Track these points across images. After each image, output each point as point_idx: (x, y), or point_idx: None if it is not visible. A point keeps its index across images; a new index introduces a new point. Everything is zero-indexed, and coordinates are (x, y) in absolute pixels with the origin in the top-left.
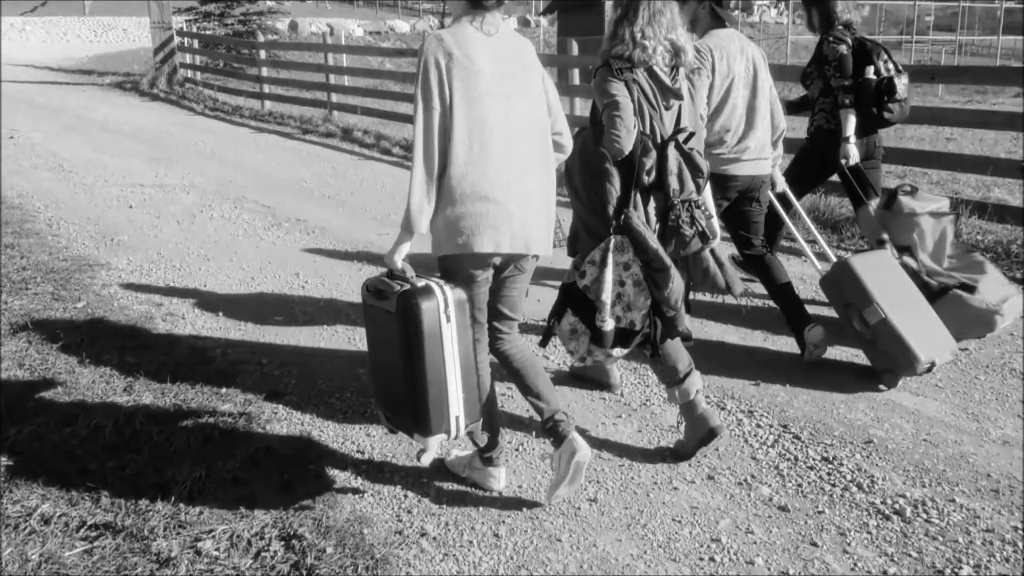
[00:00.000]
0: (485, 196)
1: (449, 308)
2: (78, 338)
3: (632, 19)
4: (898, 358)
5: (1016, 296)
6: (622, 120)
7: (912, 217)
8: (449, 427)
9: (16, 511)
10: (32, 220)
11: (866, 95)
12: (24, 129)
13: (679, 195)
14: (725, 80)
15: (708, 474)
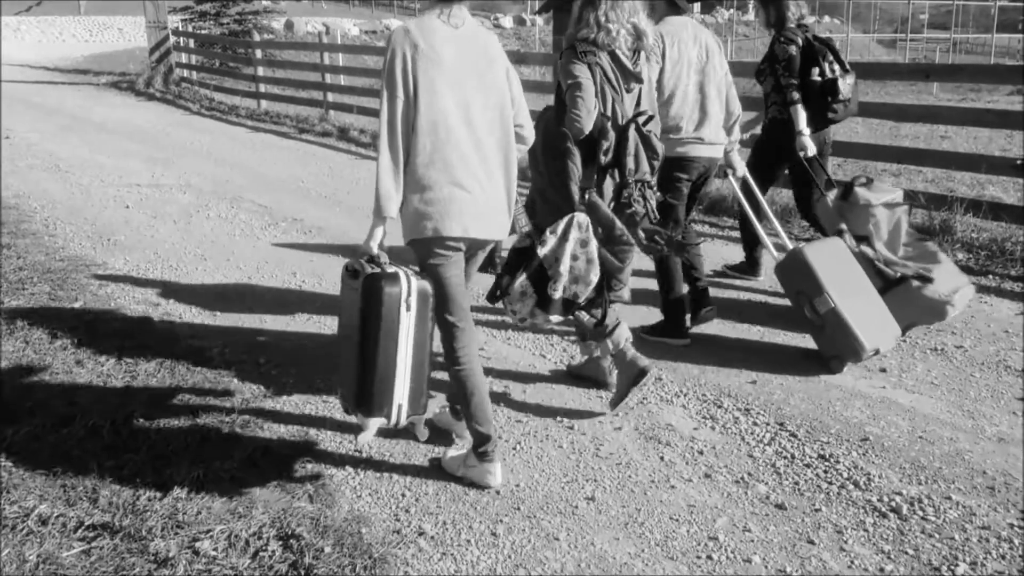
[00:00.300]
0: (450, 183)
1: (411, 297)
2: (75, 338)
3: (596, 4)
4: (844, 345)
5: (966, 287)
6: (583, 101)
7: (868, 208)
8: (390, 413)
9: (14, 512)
10: (28, 220)
11: (811, 95)
12: (20, 129)
13: (633, 175)
14: (676, 66)
15: (705, 472)
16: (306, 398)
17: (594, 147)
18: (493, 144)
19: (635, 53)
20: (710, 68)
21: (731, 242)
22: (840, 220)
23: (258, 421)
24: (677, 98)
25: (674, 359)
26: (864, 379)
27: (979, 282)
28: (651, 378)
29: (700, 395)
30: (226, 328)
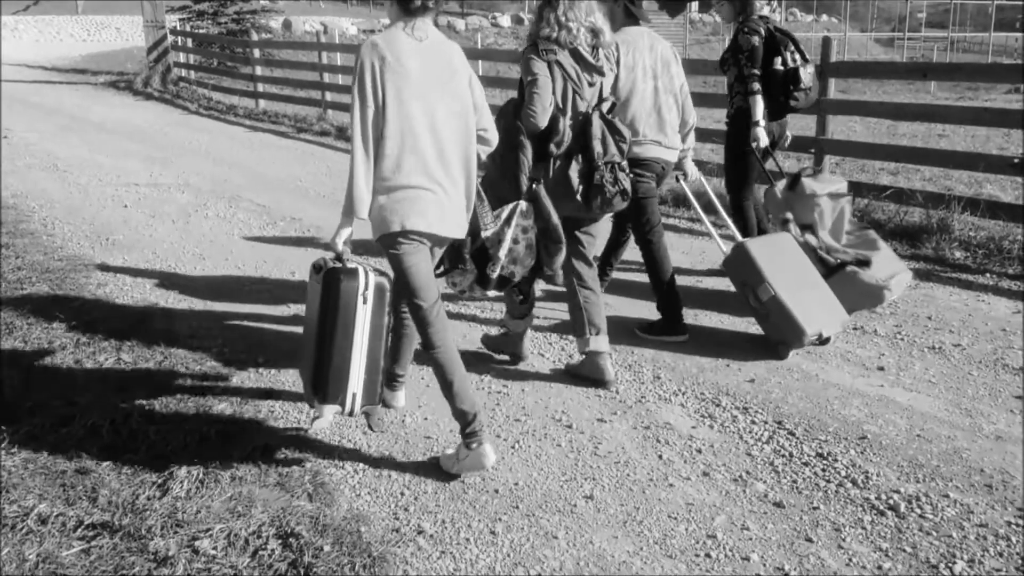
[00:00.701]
0: (415, 185)
1: (368, 291)
2: (74, 338)
3: (556, 4)
4: (787, 331)
5: (904, 273)
6: (540, 98)
7: (813, 198)
8: (345, 400)
9: (13, 511)
10: (27, 220)
11: (774, 84)
12: (18, 129)
13: (603, 157)
14: (631, 72)
15: (703, 471)
16: (304, 398)
17: (547, 141)
18: (456, 149)
19: (595, 49)
20: (667, 76)
21: (728, 240)
22: (787, 209)
23: (257, 420)
24: (634, 103)
25: (672, 358)
26: (862, 377)
27: (976, 280)
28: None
29: (698, 394)
30: (225, 327)
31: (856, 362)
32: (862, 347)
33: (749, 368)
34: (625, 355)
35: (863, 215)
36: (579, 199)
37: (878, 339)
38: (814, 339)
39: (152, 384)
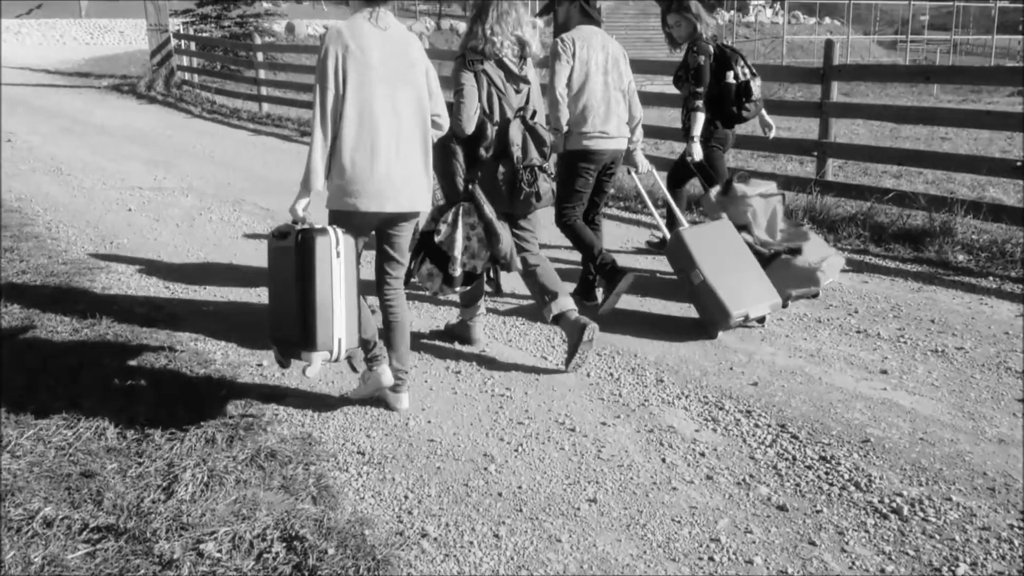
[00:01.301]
0: (371, 163)
1: (340, 246)
2: (79, 341)
3: (483, 18)
4: (715, 312)
5: (834, 257)
6: (465, 106)
7: (745, 199)
8: (332, 345)
9: (19, 514)
10: (31, 224)
11: (727, 97)
12: (22, 132)
13: (522, 161)
14: (584, 66)
15: (707, 474)
16: (308, 400)
17: (477, 145)
18: (412, 132)
19: (521, 59)
20: (616, 73)
21: None
22: (721, 211)
23: (261, 423)
24: (584, 95)
25: (676, 362)
26: (865, 381)
27: (979, 284)
28: (594, 331)
29: (701, 397)
30: (228, 330)
31: (859, 365)
32: (865, 350)
33: (752, 371)
34: (628, 359)
35: (866, 219)
36: (505, 197)
37: (881, 342)
38: (740, 319)
39: (157, 387)
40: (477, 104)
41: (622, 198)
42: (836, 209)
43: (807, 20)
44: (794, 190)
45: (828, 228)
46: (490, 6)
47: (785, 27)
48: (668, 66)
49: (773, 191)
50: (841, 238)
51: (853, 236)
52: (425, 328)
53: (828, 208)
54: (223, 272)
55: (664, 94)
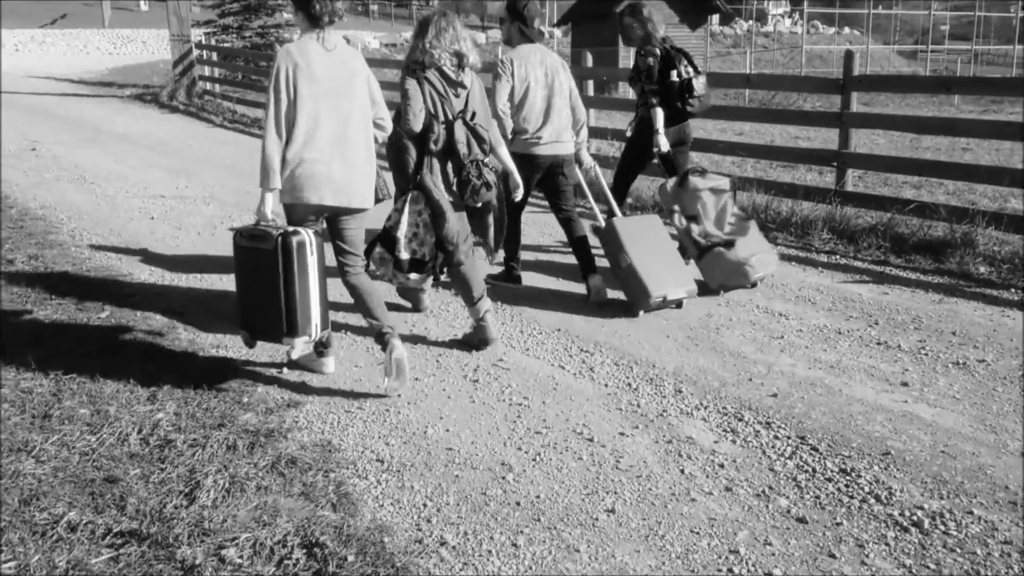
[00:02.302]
0: (315, 163)
1: (313, 245)
2: (102, 347)
3: (424, 35)
4: (637, 292)
5: (765, 253)
6: (410, 108)
7: (696, 192)
8: (311, 331)
9: (44, 518)
10: (56, 231)
11: (672, 94)
12: (46, 141)
13: (468, 157)
14: (523, 83)
15: (726, 486)
16: (328, 407)
17: (426, 140)
18: (356, 135)
19: (460, 69)
20: (556, 84)
21: None
22: (675, 202)
23: (282, 430)
24: (525, 107)
25: (694, 372)
26: (886, 393)
27: (1001, 295)
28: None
29: (720, 408)
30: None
31: (880, 377)
32: (886, 362)
33: (771, 383)
34: (646, 369)
35: (886, 230)
36: (454, 190)
37: (902, 354)
38: (659, 300)
39: (179, 393)
40: (421, 105)
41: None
42: (856, 220)
43: (826, 30)
44: (813, 200)
45: (848, 239)
46: (430, 24)
47: (804, 37)
48: None
49: (724, 187)
50: (861, 249)
51: (873, 247)
52: (443, 336)
53: (848, 219)
54: None
55: None
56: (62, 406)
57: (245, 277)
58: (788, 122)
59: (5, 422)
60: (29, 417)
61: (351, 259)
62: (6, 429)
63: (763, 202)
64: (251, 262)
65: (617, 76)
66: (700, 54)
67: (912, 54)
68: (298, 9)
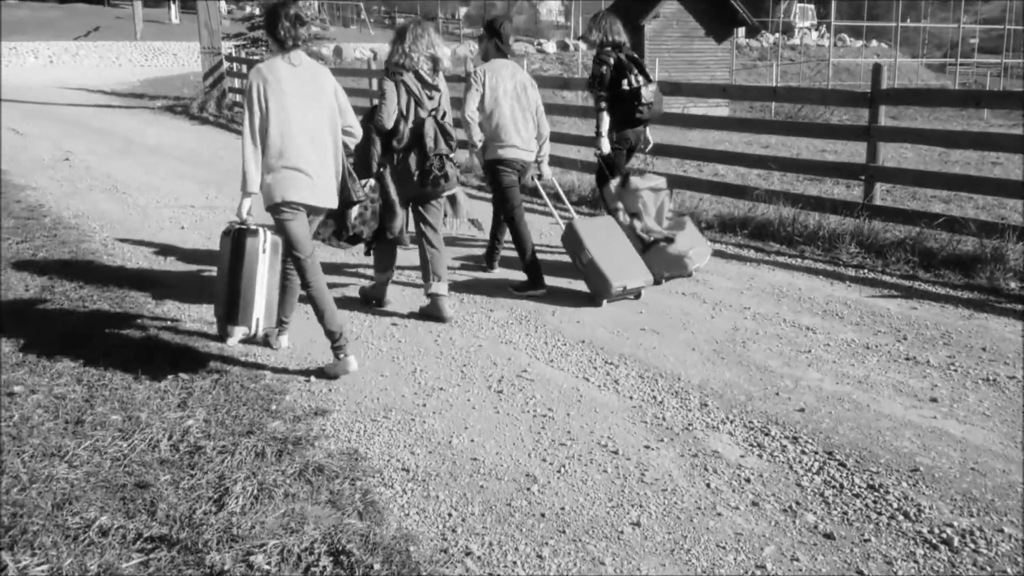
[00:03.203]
0: (292, 167)
1: (266, 245)
2: (133, 354)
3: (402, 40)
4: (599, 284)
5: (701, 247)
6: (386, 107)
7: (637, 191)
8: (250, 323)
9: (76, 522)
10: (88, 240)
11: (623, 101)
12: (80, 151)
13: (434, 151)
14: (493, 92)
15: (753, 500)
16: (354, 416)
17: (391, 138)
18: (326, 142)
19: (435, 72)
20: (524, 98)
21: (777, 267)
22: (618, 200)
23: (309, 438)
24: (495, 116)
25: (720, 386)
26: (914, 409)
27: None
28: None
29: (746, 422)
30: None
31: (908, 393)
32: (914, 378)
33: (799, 397)
34: (671, 382)
35: (915, 244)
36: (416, 181)
37: (931, 370)
38: (619, 290)
39: (209, 400)
40: (395, 106)
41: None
42: (884, 234)
43: (853, 43)
44: (841, 214)
45: (876, 253)
46: (407, 31)
47: (831, 50)
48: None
49: (662, 186)
50: (889, 263)
51: (902, 261)
52: (470, 347)
53: (876, 233)
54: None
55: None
56: (94, 412)
57: (218, 268)
58: (815, 135)
59: (39, 427)
60: (62, 422)
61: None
62: (40, 434)
63: (790, 215)
64: (220, 253)
65: None
66: (726, 66)
67: (941, 67)
68: (268, 33)
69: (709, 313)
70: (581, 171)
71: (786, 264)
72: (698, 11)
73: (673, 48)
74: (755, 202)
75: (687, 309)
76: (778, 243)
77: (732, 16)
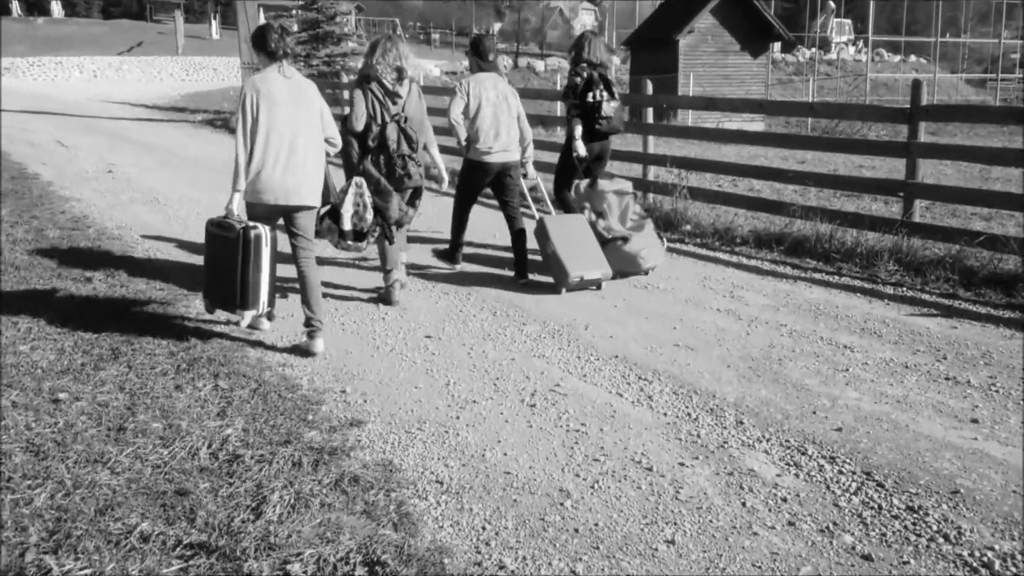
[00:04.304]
0: (275, 169)
1: (268, 237)
2: (175, 364)
3: (372, 54)
4: (559, 273)
5: (655, 248)
6: (355, 112)
7: (603, 193)
8: (258, 306)
9: (118, 528)
10: (131, 250)
11: (588, 114)
12: (122, 164)
13: (396, 152)
14: (476, 100)
15: (789, 520)
16: (389, 427)
17: (365, 138)
18: (306, 147)
19: (400, 81)
20: (505, 106)
21: (814, 284)
22: (586, 201)
23: (345, 448)
24: (477, 122)
25: (755, 403)
26: (954, 430)
27: None
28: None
29: (783, 441)
30: (313, 358)
31: (948, 414)
32: (955, 398)
33: (836, 416)
34: (706, 399)
35: (955, 262)
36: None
37: (971, 390)
38: (577, 279)
39: (247, 410)
40: (363, 110)
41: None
42: (923, 252)
43: (891, 58)
44: (879, 231)
45: (915, 271)
46: (378, 46)
47: (868, 65)
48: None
49: (627, 190)
50: (929, 281)
51: (941, 280)
52: (502, 361)
53: (915, 250)
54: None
55: (745, 131)
56: (136, 419)
57: (212, 258)
58: (853, 151)
59: (82, 434)
60: (105, 429)
61: (303, 242)
62: (83, 440)
63: (827, 231)
64: (218, 247)
65: (677, 104)
66: (761, 81)
67: (981, 83)
68: (259, 50)
69: (744, 330)
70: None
71: (823, 281)
72: (733, 26)
73: (708, 63)
74: (791, 218)
75: (722, 325)
76: (815, 260)
77: (768, 31)
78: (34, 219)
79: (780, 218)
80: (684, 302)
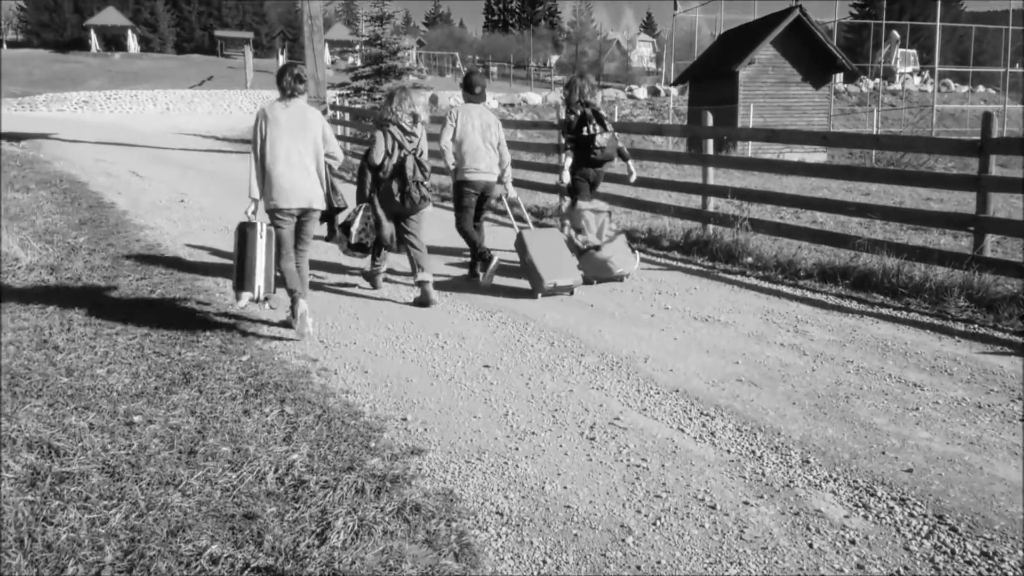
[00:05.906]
0: (284, 179)
1: (263, 232)
2: (243, 389)
3: (390, 103)
4: (535, 280)
5: (624, 255)
6: (375, 149)
7: (581, 211)
8: (254, 288)
9: (189, 550)
10: (201, 279)
11: (583, 145)
12: (194, 194)
13: (412, 179)
14: (463, 127)
15: (858, 563)
16: (449, 457)
17: (378, 171)
18: (305, 162)
19: (414, 123)
20: (488, 133)
21: (881, 320)
22: (566, 218)
23: (406, 477)
24: (463, 146)
25: (822, 442)
26: None
27: None
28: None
29: (851, 481)
30: (375, 384)
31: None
32: None
33: (906, 457)
34: (771, 436)
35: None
36: (398, 201)
37: None
38: (551, 286)
39: (312, 435)
40: (382, 148)
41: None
42: (995, 287)
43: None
44: (948, 266)
45: (987, 307)
46: (395, 96)
47: (935, 95)
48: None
49: (603, 208)
50: (1002, 319)
51: (1015, 317)
52: (561, 392)
53: (987, 286)
54: (371, 328)
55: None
56: (206, 443)
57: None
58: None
59: (155, 456)
60: (176, 452)
61: (302, 244)
62: (156, 463)
63: (894, 265)
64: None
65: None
66: (823, 112)
67: None
68: (277, 84)
69: (810, 366)
70: (673, 216)
71: (891, 316)
72: (794, 57)
73: (768, 93)
74: (857, 251)
75: (786, 360)
76: (882, 294)
77: (830, 62)
78: (111, 246)
79: (845, 251)
80: (747, 336)
